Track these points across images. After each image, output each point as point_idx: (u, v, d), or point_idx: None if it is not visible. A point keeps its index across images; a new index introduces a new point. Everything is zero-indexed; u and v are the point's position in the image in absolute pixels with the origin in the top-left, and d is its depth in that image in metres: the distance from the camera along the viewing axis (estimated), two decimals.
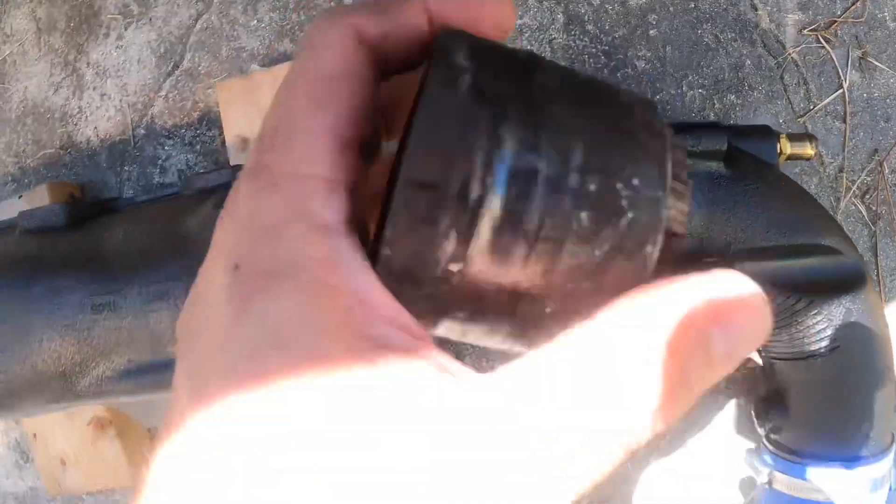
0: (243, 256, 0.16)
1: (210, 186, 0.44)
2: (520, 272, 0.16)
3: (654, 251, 0.16)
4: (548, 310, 0.17)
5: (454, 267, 0.16)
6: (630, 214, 0.16)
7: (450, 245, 0.16)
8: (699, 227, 0.45)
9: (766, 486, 0.51)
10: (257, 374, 0.14)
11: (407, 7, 0.18)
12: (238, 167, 0.46)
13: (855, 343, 0.47)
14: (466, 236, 0.16)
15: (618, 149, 0.16)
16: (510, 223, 0.16)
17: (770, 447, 0.52)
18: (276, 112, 0.17)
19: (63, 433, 0.66)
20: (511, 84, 0.16)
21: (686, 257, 0.47)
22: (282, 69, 0.53)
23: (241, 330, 0.15)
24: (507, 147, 0.16)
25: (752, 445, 0.58)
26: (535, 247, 0.16)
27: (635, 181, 0.16)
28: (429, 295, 0.17)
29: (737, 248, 0.46)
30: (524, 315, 0.17)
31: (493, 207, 0.15)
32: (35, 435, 0.68)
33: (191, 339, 0.16)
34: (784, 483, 0.50)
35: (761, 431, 0.52)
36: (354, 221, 0.17)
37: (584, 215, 0.16)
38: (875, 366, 0.47)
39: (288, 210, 0.16)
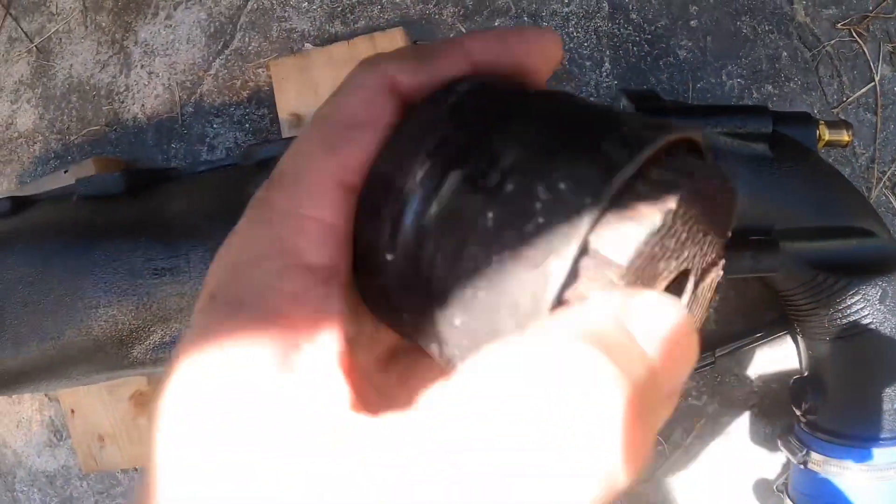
0: (220, 286, 0.16)
1: (270, 156, 0.45)
2: (429, 269, 0.15)
3: (562, 266, 0.14)
4: (456, 322, 0.15)
5: (388, 256, 0.16)
6: (540, 219, 0.14)
7: (385, 232, 0.16)
8: (745, 205, 0.47)
9: (801, 467, 0.53)
10: (187, 400, 0.15)
11: (448, 57, 0.17)
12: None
13: (890, 322, 0.48)
14: (395, 227, 0.16)
15: (557, 153, 0.15)
16: (422, 217, 0.15)
17: (806, 428, 0.53)
18: (290, 151, 0.18)
19: (103, 408, 0.67)
20: (494, 107, 0.16)
21: (731, 236, 0.48)
22: (336, 48, 0.54)
23: (196, 354, 0.15)
24: (448, 148, 0.16)
25: (765, 451, 0.60)
26: (441, 244, 0.15)
27: (562, 185, 0.14)
28: (380, 287, 0.17)
29: (779, 227, 0.47)
30: (437, 323, 0.16)
31: (413, 200, 0.16)
32: (73, 411, 0.69)
33: (173, 362, 0.16)
34: (819, 463, 0.51)
35: (798, 412, 0.54)
36: (349, 268, 0.17)
37: (490, 215, 0.14)
38: None
39: (273, 246, 0.16)
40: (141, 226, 0.44)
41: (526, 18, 0.59)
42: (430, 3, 0.60)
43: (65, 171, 0.65)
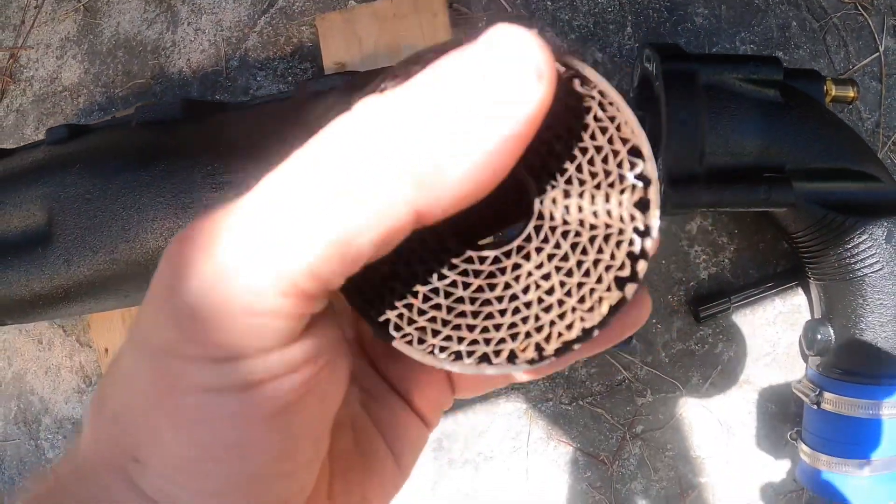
0: (100, 445, 0.17)
1: (324, 89, 0.48)
2: None
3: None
4: None
5: None
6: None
7: None
8: (758, 146, 0.50)
9: (815, 407, 0.55)
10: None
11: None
12: (347, 73, 0.50)
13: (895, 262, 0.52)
14: None
15: None
16: None
17: (818, 369, 0.56)
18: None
19: None
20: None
21: (747, 172, 0.53)
22: (379, 4, 0.58)
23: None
24: None
25: (779, 400, 0.62)
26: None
27: None
28: None
29: (791, 167, 0.51)
30: None
31: None
32: (107, 350, 0.71)
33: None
34: (831, 402, 0.54)
35: (809, 353, 0.56)
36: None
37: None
38: None
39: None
40: (200, 146, 0.47)
41: None
42: None
43: (111, 119, 0.69)
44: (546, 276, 0.16)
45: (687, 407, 0.63)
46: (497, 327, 0.16)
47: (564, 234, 0.16)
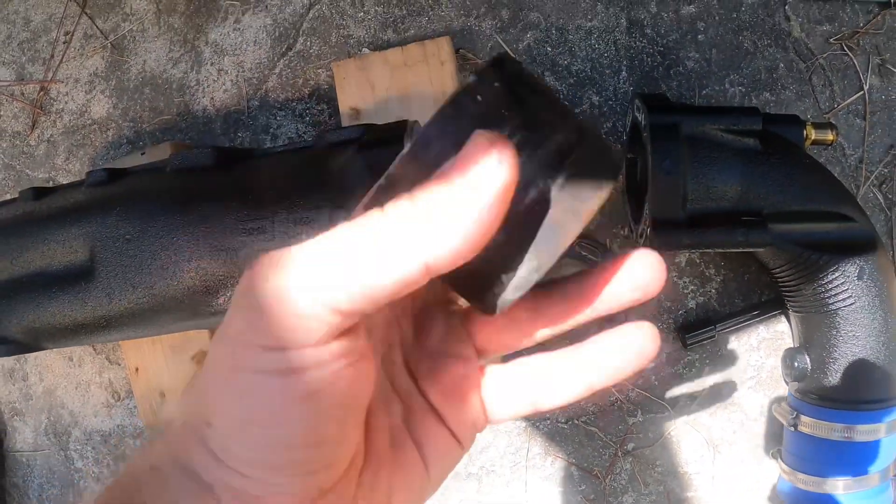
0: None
1: (342, 140, 0.53)
2: None
3: None
4: None
5: None
6: None
7: None
8: (737, 192, 0.54)
9: (792, 430, 0.59)
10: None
11: None
12: (362, 126, 0.55)
13: (866, 297, 0.56)
14: None
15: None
16: None
17: (796, 394, 0.60)
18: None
19: (167, 367, 0.73)
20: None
21: (726, 216, 0.59)
22: (391, 52, 0.63)
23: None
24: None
25: (762, 420, 0.66)
26: None
27: None
28: None
29: (769, 211, 0.55)
30: None
31: None
32: (137, 369, 0.76)
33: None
34: (808, 425, 0.58)
35: (787, 379, 0.61)
36: None
37: None
38: (886, 318, 0.56)
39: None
40: (231, 192, 0.52)
41: (554, 32, 0.68)
42: (471, 16, 0.69)
43: (142, 153, 0.73)
44: None
45: (675, 426, 0.67)
46: None
47: None
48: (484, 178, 0.19)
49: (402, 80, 0.62)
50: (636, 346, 0.25)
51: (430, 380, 0.27)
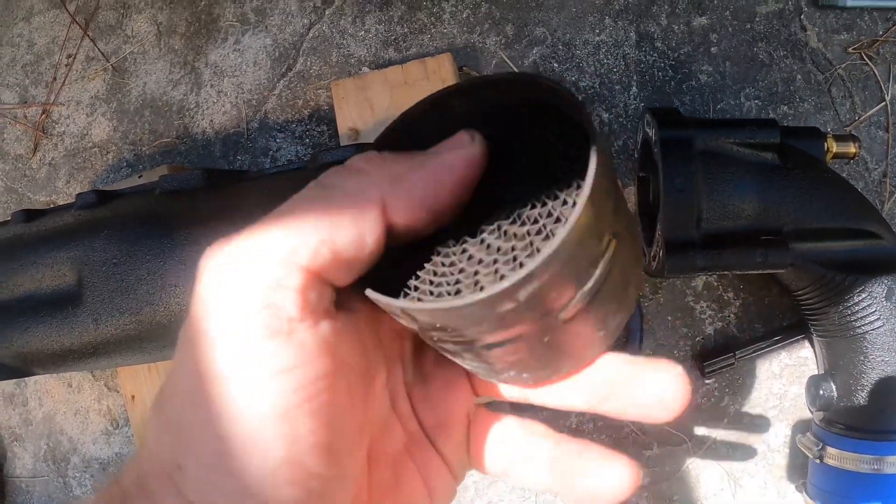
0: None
1: (335, 160, 0.51)
2: None
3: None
4: None
5: None
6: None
7: None
8: (755, 210, 0.51)
9: (817, 462, 0.55)
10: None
11: None
12: (359, 144, 0.53)
13: None
14: None
15: None
16: None
17: (821, 424, 0.56)
18: None
19: None
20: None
21: (744, 236, 0.55)
22: (391, 71, 0.61)
23: None
24: None
25: (785, 450, 0.63)
26: None
27: None
28: None
29: (789, 229, 0.51)
30: None
31: None
32: (133, 397, 0.74)
33: None
34: (835, 456, 0.54)
35: (812, 409, 0.57)
36: None
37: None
38: None
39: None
40: (221, 215, 0.50)
41: (561, 47, 0.66)
42: (474, 33, 0.67)
43: (139, 176, 0.72)
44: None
45: (693, 459, 0.63)
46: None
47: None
48: (455, 149, 0.21)
49: (402, 100, 0.60)
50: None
51: (424, 403, 0.25)
